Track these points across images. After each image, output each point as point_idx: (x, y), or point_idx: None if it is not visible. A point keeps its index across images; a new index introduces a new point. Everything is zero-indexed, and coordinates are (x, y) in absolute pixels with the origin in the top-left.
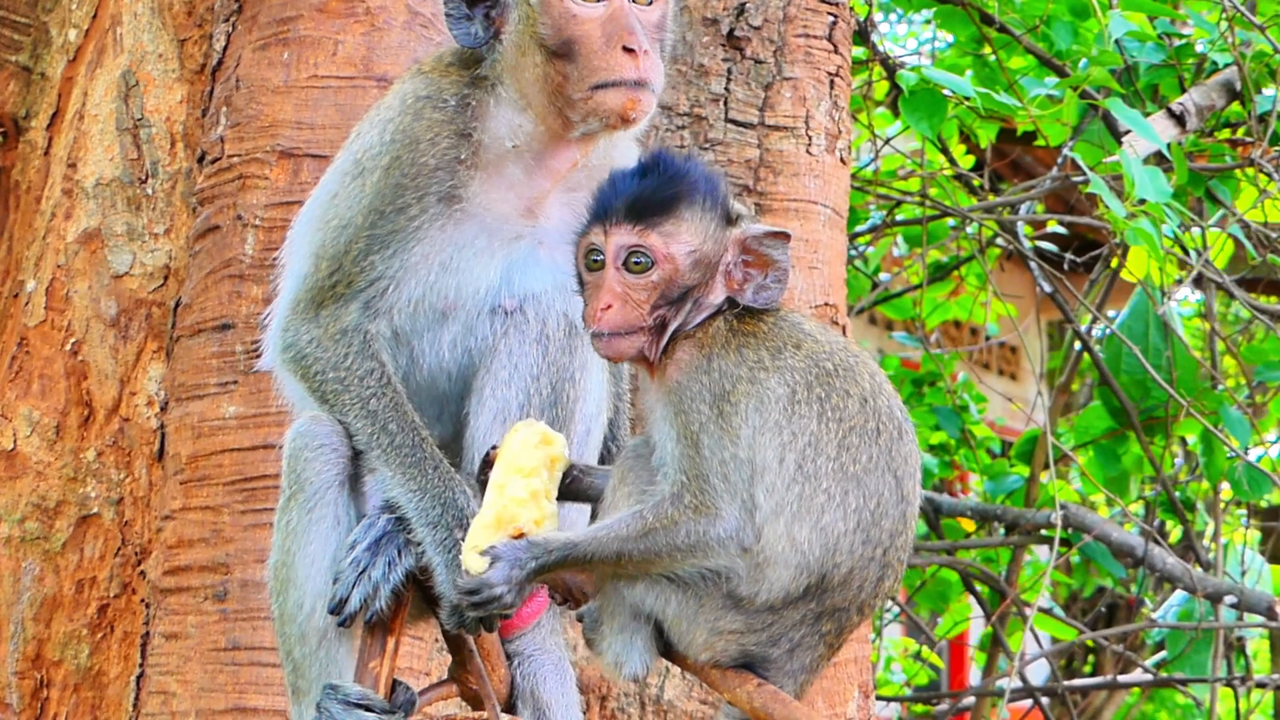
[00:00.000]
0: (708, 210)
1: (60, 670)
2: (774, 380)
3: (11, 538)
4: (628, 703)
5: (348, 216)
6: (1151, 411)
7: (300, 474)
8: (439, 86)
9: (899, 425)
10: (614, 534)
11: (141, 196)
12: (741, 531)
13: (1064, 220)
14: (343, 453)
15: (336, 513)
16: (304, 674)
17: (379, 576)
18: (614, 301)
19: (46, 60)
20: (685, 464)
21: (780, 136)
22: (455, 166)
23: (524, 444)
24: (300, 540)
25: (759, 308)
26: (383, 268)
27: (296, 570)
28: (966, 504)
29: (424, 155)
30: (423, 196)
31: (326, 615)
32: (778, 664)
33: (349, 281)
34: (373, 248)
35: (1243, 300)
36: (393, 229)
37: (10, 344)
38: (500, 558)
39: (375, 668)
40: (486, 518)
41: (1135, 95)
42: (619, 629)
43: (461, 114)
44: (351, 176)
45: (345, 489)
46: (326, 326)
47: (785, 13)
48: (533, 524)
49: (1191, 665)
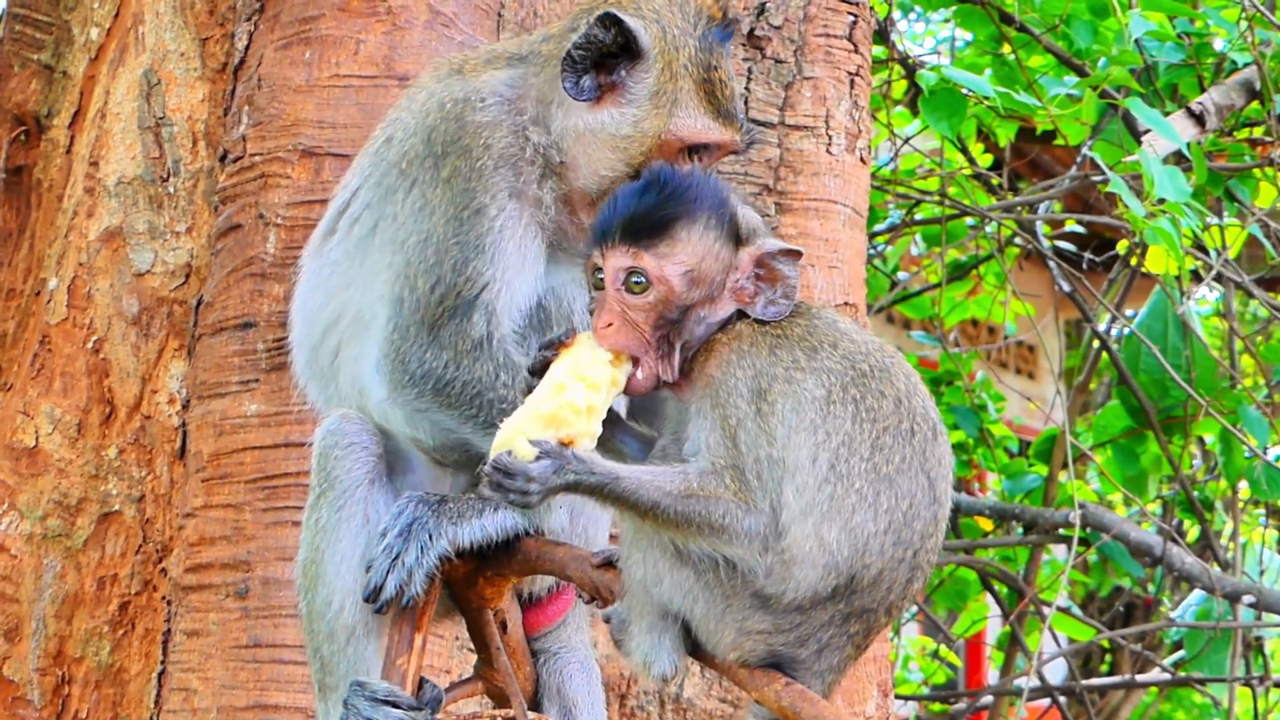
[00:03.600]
0: (710, 228)
1: (82, 667)
2: (810, 381)
3: (33, 535)
4: (647, 701)
5: (429, 230)
6: (1170, 411)
7: (330, 472)
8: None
9: (933, 426)
10: (656, 483)
11: (163, 195)
12: (767, 529)
13: (1083, 219)
14: (373, 451)
15: (366, 511)
16: (332, 671)
17: (412, 562)
18: (614, 320)
19: (69, 59)
20: (723, 452)
21: (800, 136)
22: (519, 163)
23: (595, 356)
24: (330, 538)
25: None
26: (479, 269)
27: (325, 568)
28: (985, 503)
29: (479, 159)
30: (494, 194)
31: (356, 612)
32: (806, 664)
33: (457, 293)
34: (464, 254)
35: (1262, 299)
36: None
37: (32, 342)
38: (549, 455)
39: (403, 664)
40: (542, 410)
41: (1155, 95)
42: (647, 629)
43: (510, 111)
44: (416, 204)
45: (376, 487)
46: (456, 346)
47: (805, 12)
48: (585, 436)
49: (1209, 665)
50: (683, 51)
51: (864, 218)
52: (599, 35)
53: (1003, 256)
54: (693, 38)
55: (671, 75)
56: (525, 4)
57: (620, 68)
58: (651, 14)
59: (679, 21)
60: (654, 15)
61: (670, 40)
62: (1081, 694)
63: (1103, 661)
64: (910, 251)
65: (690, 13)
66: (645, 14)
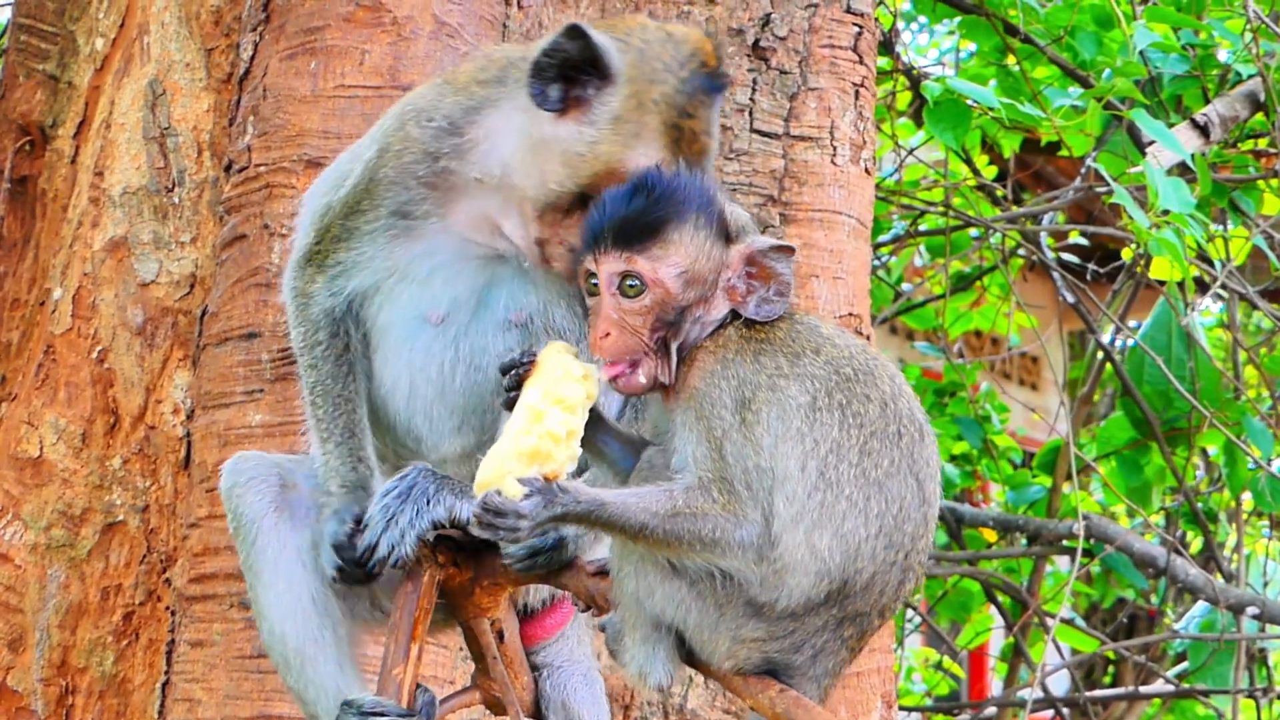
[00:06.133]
0: (700, 228)
1: (85, 677)
2: (794, 388)
3: (37, 545)
4: (651, 711)
5: (333, 200)
6: (1174, 422)
7: (236, 510)
8: (439, 102)
9: (919, 427)
10: (642, 506)
11: (168, 205)
12: (760, 539)
13: (1087, 231)
14: (272, 482)
15: (280, 538)
16: (306, 699)
17: (406, 524)
18: (612, 329)
19: (74, 69)
20: (710, 465)
21: (805, 147)
22: (411, 184)
23: (566, 373)
24: (255, 571)
25: (761, 320)
26: (344, 257)
27: (260, 601)
28: (988, 514)
29: (386, 166)
30: (376, 206)
31: (298, 635)
32: (801, 670)
33: (324, 255)
34: (341, 236)
35: (1266, 311)
36: (354, 227)
37: (37, 352)
38: (537, 493)
39: (399, 674)
40: (523, 446)
41: (1159, 106)
42: (641, 640)
43: (440, 138)
44: (349, 159)
45: (284, 513)
46: (303, 285)
47: (810, 23)
48: (567, 462)
49: (1213, 677)
50: (657, 86)
51: (868, 229)
52: (564, 45)
53: (1007, 268)
54: (675, 76)
55: (639, 105)
56: (530, 15)
57: (589, 85)
58: (638, 42)
59: (664, 57)
60: (639, 44)
61: (645, 71)
62: (1085, 705)
63: (1106, 673)
64: (914, 262)
65: (682, 53)
66: (631, 41)
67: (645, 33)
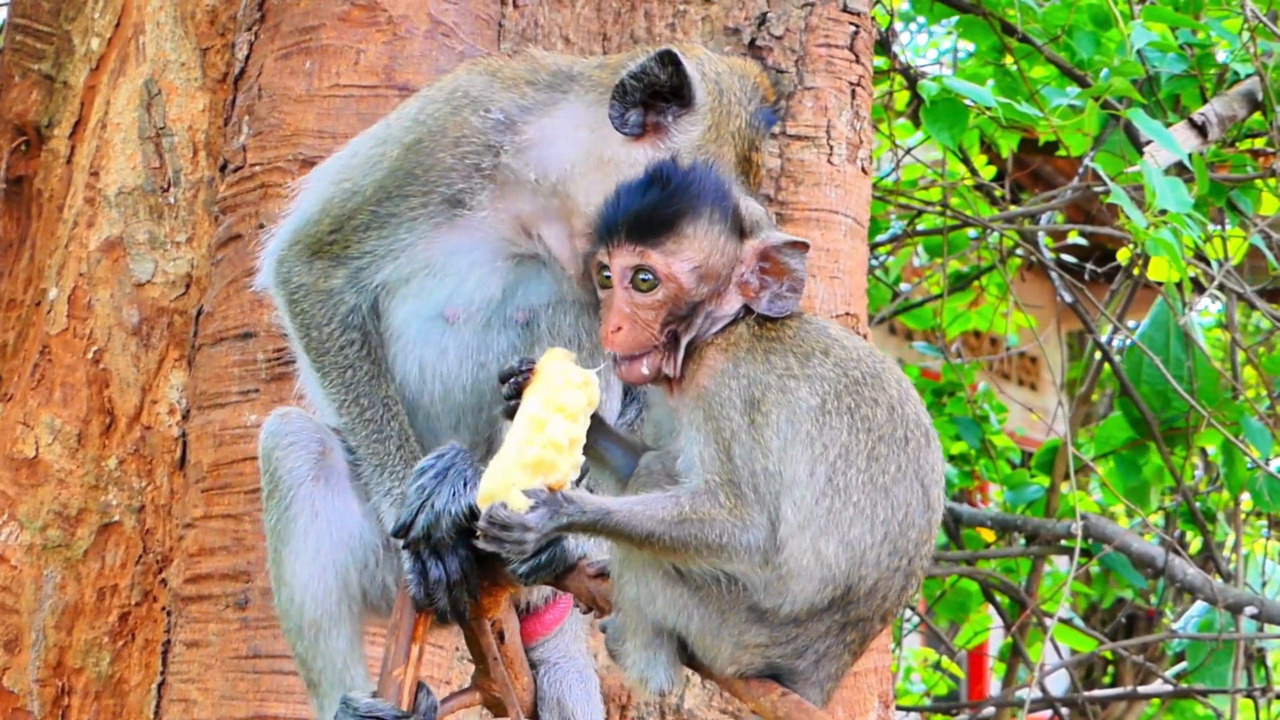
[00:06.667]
0: (715, 222)
1: (81, 678)
2: (804, 390)
3: (33, 545)
4: (648, 712)
5: (360, 183)
6: (1172, 422)
7: (274, 472)
8: (492, 95)
9: (925, 432)
10: (648, 513)
11: (164, 205)
12: (766, 544)
13: (1085, 230)
14: (312, 448)
15: (314, 507)
16: (311, 667)
17: (442, 506)
18: (623, 323)
19: (69, 69)
20: (717, 467)
21: (802, 146)
22: (471, 174)
23: (567, 380)
24: (282, 538)
25: (774, 316)
26: (374, 245)
27: (283, 568)
28: (986, 514)
29: (443, 151)
30: (428, 192)
31: (316, 608)
32: (804, 674)
33: (345, 245)
34: (373, 224)
35: (1264, 310)
36: (393, 212)
37: (32, 352)
38: (543, 505)
39: (399, 675)
40: (526, 456)
41: (1157, 105)
42: (642, 645)
43: (499, 131)
44: (376, 142)
45: (320, 482)
46: (316, 280)
47: (807, 22)
48: (571, 470)
49: (1212, 676)
50: (734, 119)
51: (865, 228)
52: (654, 70)
53: (1005, 267)
54: (745, 110)
55: (717, 137)
56: (526, 15)
57: (669, 112)
58: (713, 74)
59: (736, 89)
60: (715, 76)
61: (725, 104)
62: (1083, 705)
63: (1105, 673)
64: (912, 262)
65: (749, 86)
66: (707, 72)
67: (715, 63)
